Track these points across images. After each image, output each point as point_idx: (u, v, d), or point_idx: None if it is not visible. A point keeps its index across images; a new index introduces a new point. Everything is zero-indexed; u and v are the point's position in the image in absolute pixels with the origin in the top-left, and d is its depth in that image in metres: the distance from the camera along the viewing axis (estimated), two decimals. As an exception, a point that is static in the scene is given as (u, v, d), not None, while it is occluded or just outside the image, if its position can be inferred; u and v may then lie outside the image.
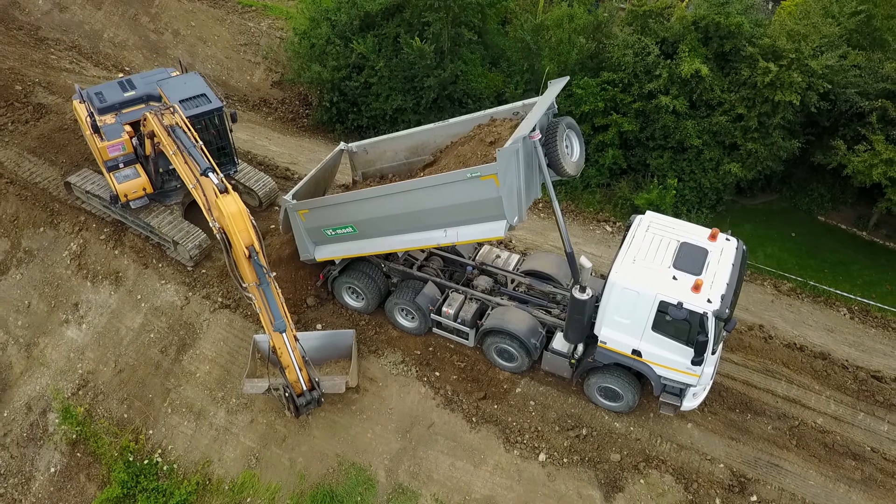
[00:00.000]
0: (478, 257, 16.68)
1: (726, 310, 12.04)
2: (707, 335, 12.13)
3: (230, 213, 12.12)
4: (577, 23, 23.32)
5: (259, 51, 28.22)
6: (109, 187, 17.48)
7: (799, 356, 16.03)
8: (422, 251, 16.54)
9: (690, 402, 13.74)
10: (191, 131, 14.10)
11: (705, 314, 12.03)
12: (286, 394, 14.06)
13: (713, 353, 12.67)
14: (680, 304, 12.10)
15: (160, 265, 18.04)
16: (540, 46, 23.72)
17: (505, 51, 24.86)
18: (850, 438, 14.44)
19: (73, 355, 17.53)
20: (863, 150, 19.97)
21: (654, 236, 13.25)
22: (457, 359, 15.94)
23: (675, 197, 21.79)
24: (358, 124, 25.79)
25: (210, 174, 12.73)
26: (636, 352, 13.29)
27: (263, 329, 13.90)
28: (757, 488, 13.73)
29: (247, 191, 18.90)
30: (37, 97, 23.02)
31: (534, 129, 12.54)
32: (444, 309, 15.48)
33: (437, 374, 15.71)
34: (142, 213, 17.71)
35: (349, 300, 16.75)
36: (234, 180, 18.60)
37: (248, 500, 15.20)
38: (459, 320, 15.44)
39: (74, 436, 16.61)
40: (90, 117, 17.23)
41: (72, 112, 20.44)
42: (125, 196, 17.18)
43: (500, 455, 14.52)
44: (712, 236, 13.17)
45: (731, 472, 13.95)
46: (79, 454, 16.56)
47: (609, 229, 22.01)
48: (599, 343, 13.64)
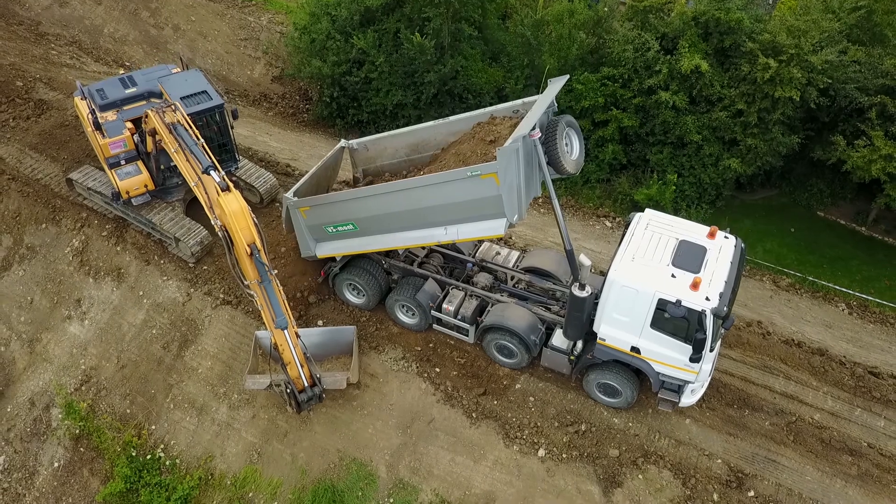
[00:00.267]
0: (478, 254, 16.72)
1: (724, 308, 12.12)
2: (705, 333, 12.23)
3: (232, 210, 12.12)
4: (577, 18, 23.28)
5: (259, 46, 28.18)
6: (111, 184, 17.54)
7: (797, 352, 16.13)
8: (422, 248, 16.62)
9: (689, 399, 13.86)
10: (192, 129, 14.12)
11: (704, 312, 12.11)
12: (288, 390, 14.18)
13: (711, 350, 12.75)
14: (678, 301, 12.19)
15: (162, 262, 18.13)
16: (540, 42, 23.66)
17: (505, 46, 24.82)
18: (847, 434, 14.56)
19: (75, 351, 17.64)
20: (862, 145, 19.95)
21: (653, 234, 13.32)
22: (457, 355, 16.04)
23: (674, 192, 21.81)
24: (358, 119, 25.82)
25: (212, 172, 12.77)
26: (635, 349, 13.40)
27: (265, 325, 14.00)
28: (754, 483, 13.85)
29: (248, 188, 18.96)
30: (38, 93, 23.04)
31: (534, 128, 12.58)
32: (444, 306, 15.57)
33: (438, 370, 15.83)
34: (143, 210, 17.79)
35: (350, 297, 16.83)
36: (236, 177, 18.64)
37: (250, 494, 15.33)
38: (460, 317, 15.53)
39: (78, 431, 16.73)
40: (92, 114, 17.25)
41: (73, 108, 20.46)
42: (127, 193, 17.24)
43: (500, 450, 14.64)
44: (711, 234, 13.24)
45: (729, 467, 14.07)
46: (82, 449, 16.69)
47: (609, 224, 22.07)
48: (598, 340, 13.73)
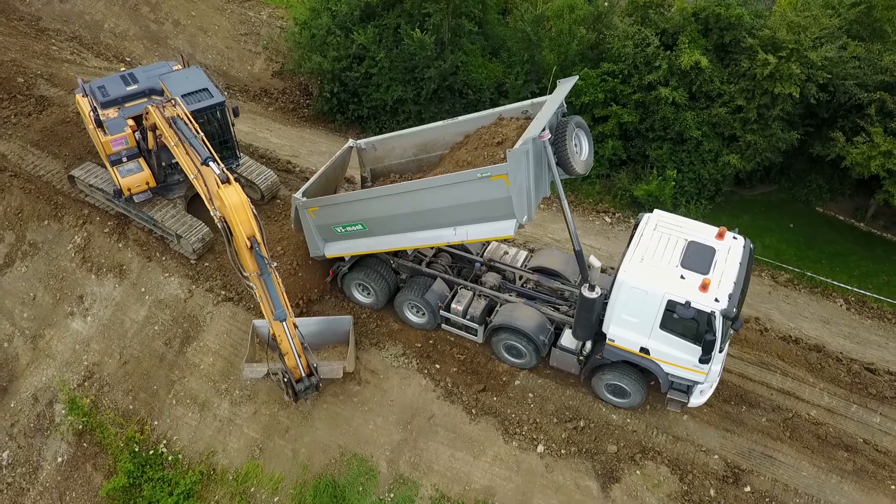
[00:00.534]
0: (486, 254, 16.75)
1: (734, 309, 12.08)
2: (715, 334, 12.21)
3: (232, 203, 12.07)
4: (577, 13, 23.25)
5: (259, 41, 28.17)
6: (113, 181, 17.63)
7: (794, 349, 16.23)
8: (431, 248, 16.68)
9: (697, 399, 13.88)
10: (192, 122, 14.18)
11: (713, 313, 12.10)
12: (285, 378, 14.31)
13: (720, 351, 12.77)
14: (688, 303, 12.18)
15: (164, 258, 18.23)
16: (540, 37, 23.65)
17: (505, 41, 24.80)
18: (843, 430, 14.68)
19: (78, 347, 17.77)
20: (861, 141, 19.98)
21: (662, 235, 13.28)
22: (457, 351, 16.16)
23: (674, 188, 21.87)
24: (358, 115, 25.85)
25: (211, 164, 12.74)
26: (644, 349, 13.42)
27: (263, 316, 14.06)
28: (751, 479, 13.98)
29: (249, 184, 19.03)
30: (39, 89, 23.07)
31: (543, 130, 12.60)
32: (453, 306, 15.61)
33: (438, 366, 15.94)
34: (145, 207, 17.87)
35: (359, 296, 16.92)
36: (237, 174, 18.70)
37: (252, 489, 15.48)
38: (468, 317, 15.59)
39: (81, 426, 16.88)
40: (93, 112, 17.33)
41: (74, 104, 20.53)
42: (128, 190, 17.32)
43: (500, 446, 14.77)
44: (719, 235, 13.19)
45: (726, 463, 14.20)
46: (85, 444, 16.85)
47: (608, 220, 22.14)
48: (608, 340, 13.74)
